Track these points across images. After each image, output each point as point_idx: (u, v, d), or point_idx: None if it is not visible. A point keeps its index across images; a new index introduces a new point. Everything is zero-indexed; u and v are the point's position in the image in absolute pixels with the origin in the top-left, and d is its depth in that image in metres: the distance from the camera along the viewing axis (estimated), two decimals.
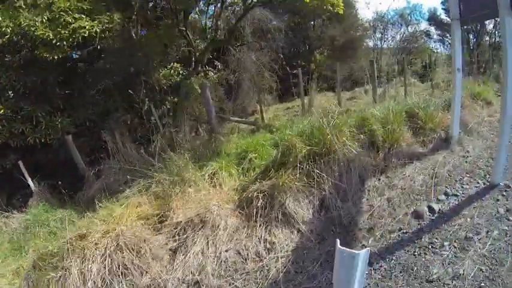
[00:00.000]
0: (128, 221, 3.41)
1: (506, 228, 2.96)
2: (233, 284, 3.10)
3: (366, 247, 3.23)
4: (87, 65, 8.96)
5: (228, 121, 7.97)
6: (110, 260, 3.05)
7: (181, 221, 3.42)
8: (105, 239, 3.17)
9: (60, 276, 2.97)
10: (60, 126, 7.12)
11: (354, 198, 3.78)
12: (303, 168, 3.80)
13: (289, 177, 3.71)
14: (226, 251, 3.26)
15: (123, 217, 3.47)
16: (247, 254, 3.27)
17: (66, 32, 6.03)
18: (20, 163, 6.21)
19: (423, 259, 2.91)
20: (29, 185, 6.13)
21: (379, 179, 4.16)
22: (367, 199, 3.84)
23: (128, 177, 4.57)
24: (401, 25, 18.41)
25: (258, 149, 4.95)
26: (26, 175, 6.14)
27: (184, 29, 8.90)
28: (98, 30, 6.25)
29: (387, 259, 3.06)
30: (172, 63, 10.37)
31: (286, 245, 3.34)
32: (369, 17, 21.64)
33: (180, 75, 10.18)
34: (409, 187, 3.96)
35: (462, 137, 5.03)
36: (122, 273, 3.04)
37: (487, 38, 15.45)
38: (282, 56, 10.82)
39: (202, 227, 3.39)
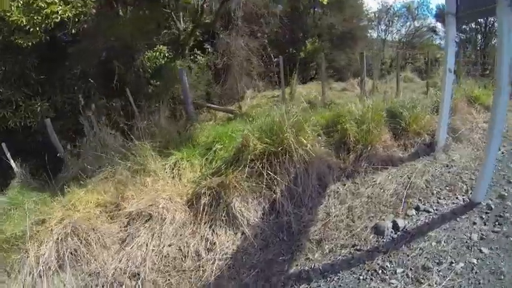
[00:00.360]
0: (86, 208, 3.41)
1: (475, 261, 2.45)
2: (168, 280, 3.00)
3: (310, 261, 2.89)
4: (63, 49, 8.58)
5: (205, 107, 7.47)
6: (61, 245, 3.07)
7: (132, 211, 3.34)
8: (60, 225, 3.19)
9: (21, 258, 3.05)
10: (39, 110, 7.20)
11: (310, 204, 3.41)
12: (254, 167, 3.45)
13: (238, 175, 3.43)
14: (170, 245, 3.15)
15: (82, 204, 3.47)
16: (188, 252, 3.13)
17: (39, 17, 5.88)
18: (3, 145, 6.11)
19: (367, 286, 2.41)
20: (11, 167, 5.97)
21: (344, 185, 3.68)
22: (326, 206, 3.43)
23: (97, 164, 4.36)
24: (407, 18, 17.54)
25: (225, 140, 4.51)
26: (9, 156, 6.02)
27: (169, 10, 8.34)
28: (70, 15, 6.09)
29: (328, 279, 2.64)
30: (158, 46, 9.88)
31: (227, 247, 3.13)
32: (374, 7, 20.50)
33: (166, 58, 9.70)
34: (376, 196, 3.48)
35: (449, 144, 4.47)
36: (71, 260, 3.06)
37: (495, 40, 14.48)
38: (266, 42, 10.07)
39: (149, 219, 3.29)
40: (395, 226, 3.05)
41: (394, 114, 4.58)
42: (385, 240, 2.93)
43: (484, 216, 3.04)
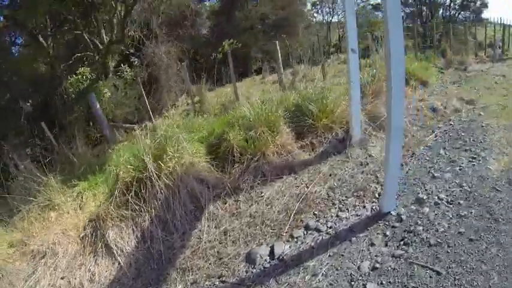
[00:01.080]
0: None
1: None
2: None
3: None
4: None
5: (120, 128, 6.67)
6: None
7: (33, 249, 3.12)
8: None
9: None
10: None
11: (182, 230, 2.97)
12: (125, 195, 3.14)
13: (113, 204, 3.20)
14: (62, 278, 2.97)
15: None
16: (75, 284, 2.94)
17: None
18: None
19: None
20: None
21: (225, 204, 3.05)
22: (200, 230, 2.92)
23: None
24: None
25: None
26: None
27: (80, 31, 7.56)
28: None
29: None
30: (81, 69, 9.12)
31: (105, 277, 2.92)
32: None
33: (88, 81, 8.89)
34: (260, 215, 2.87)
35: (368, 136, 3.78)
36: None
37: (441, 11, 14.15)
38: (187, 47, 9.24)
39: (44, 255, 3.08)
40: (271, 253, 2.42)
41: (300, 109, 3.87)
42: (255, 270, 2.33)
43: (388, 233, 2.35)
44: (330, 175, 3.20)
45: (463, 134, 3.91)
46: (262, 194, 3.05)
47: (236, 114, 3.76)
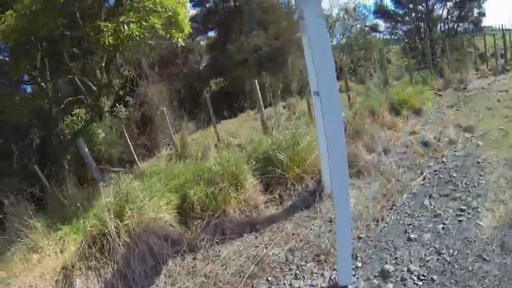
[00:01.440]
0: None
1: None
2: None
3: None
4: None
5: (108, 171, 6.62)
6: None
7: None
8: None
9: None
10: None
11: (140, 285, 2.84)
12: (91, 247, 3.03)
13: (80, 255, 3.11)
14: None
15: None
16: None
17: None
18: None
19: None
20: None
21: (184, 260, 2.90)
22: (158, 286, 2.80)
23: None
24: (349, 20, 16.74)
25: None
26: None
27: (72, 75, 7.79)
28: None
29: None
30: (76, 110, 9.30)
31: None
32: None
33: (83, 122, 9.04)
34: (215, 276, 2.68)
35: None
36: None
37: (440, 25, 13.56)
38: (178, 85, 9.26)
39: None
40: None
41: (270, 159, 3.59)
42: None
43: None
44: (293, 234, 2.91)
45: (455, 175, 3.48)
46: (220, 253, 2.90)
47: (203, 167, 3.58)
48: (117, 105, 9.52)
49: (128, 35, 4.65)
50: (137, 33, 4.69)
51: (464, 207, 2.82)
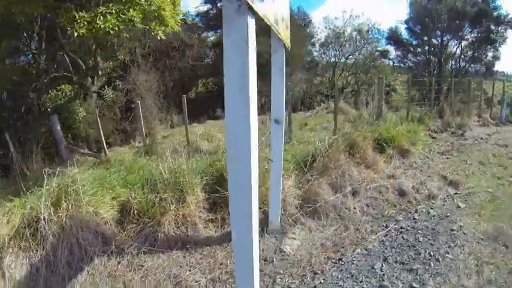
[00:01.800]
0: None
1: None
2: None
3: None
4: None
5: (78, 152, 6.34)
6: None
7: None
8: None
9: None
10: None
11: (63, 274, 2.74)
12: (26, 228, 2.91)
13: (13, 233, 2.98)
14: None
15: None
16: None
17: None
18: None
19: None
20: None
21: (109, 261, 2.81)
22: (78, 281, 2.72)
23: None
24: (360, 41, 16.37)
25: None
26: None
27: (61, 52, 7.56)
28: None
29: None
30: (62, 85, 9.07)
31: None
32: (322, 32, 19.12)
33: (66, 97, 8.80)
34: (134, 285, 2.57)
35: (288, 226, 3.07)
36: None
37: (451, 62, 13.12)
38: (169, 77, 8.96)
39: None
40: None
41: (223, 177, 3.24)
42: None
43: None
44: (222, 264, 2.66)
45: (421, 239, 3.06)
46: (144, 264, 2.79)
47: (154, 170, 3.36)
48: (106, 87, 9.26)
49: (100, 27, 4.38)
50: (111, 26, 4.46)
51: (416, 286, 2.42)
